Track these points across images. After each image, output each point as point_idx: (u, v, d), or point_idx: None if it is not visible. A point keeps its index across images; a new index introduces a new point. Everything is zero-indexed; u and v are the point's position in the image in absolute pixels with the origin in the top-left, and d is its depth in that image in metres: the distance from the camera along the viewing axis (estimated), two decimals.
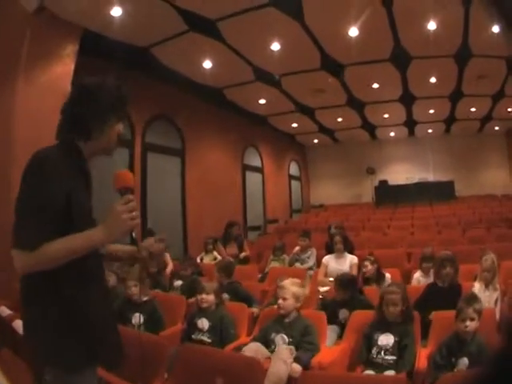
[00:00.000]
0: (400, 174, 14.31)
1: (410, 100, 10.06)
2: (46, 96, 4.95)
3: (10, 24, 4.91)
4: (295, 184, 14.80)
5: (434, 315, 3.19)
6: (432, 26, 5.68)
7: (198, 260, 6.44)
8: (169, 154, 8.41)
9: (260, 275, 5.77)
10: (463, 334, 2.60)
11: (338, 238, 5.14)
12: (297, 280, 3.42)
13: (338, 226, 6.68)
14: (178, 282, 5.03)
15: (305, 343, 2.98)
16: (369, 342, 2.97)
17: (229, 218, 7.67)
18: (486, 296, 3.53)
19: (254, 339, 3.15)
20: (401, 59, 7.23)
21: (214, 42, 6.27)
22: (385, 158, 14.83)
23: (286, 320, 3.16)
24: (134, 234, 1.46)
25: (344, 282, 3.75)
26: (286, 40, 6.36)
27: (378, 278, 4.40)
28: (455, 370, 2.52)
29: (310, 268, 5.68)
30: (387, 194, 13.63)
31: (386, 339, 2.91)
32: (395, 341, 2.88)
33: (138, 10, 5.22)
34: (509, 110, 10.79)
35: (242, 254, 6.76)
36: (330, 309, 3.69)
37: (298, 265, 5.84)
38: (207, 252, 6.60)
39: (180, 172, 8.65)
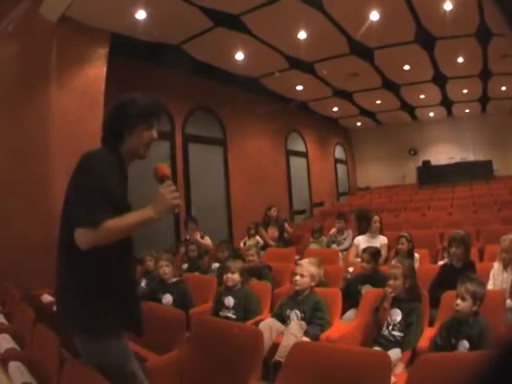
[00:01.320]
0: (442, 154, 13.94)
1: (443, 80, 9.81)
2: (79, 97, 5.24)
3: (36, 33, 5.07)
4: (341, 167, 14.71)
5: (444, 295, 3.07)
6: (448, 6, 5.56)
7: (242, 244, 6.64)
8: (210, 143, 8.60)
9: (298, 257, 5.92)
10: (456, 314, 2.57)
11: (377, 218, 5.20)
12: (314, 260, 3.62)
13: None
14: (216, 265, 5.25)
15: (315, 318, 3.16)
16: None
17: (273, 203, 7.67)
18: (504, 278, 3.41)
19: (273, 315, 3.37)
20: (425, 40, 7.09)
21: (242, 35, 6.39)
22: (427, 139, 14.46)
23: (300, 297, 3.33)
24: (177, 210, 1.70)
25: (371, 253, 3.87)
26: (311, 28, 6.39)
27: (409, 257, 4.48)
28: (455, 352, 2.43)
29: (346, 249, 5.70)
30: (430, 175, 13.40)
31: (395, 315, 2.97)
32: (402, 317, 2.93)
33: (161, 12, 5.37)
34: None
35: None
36: (352, 286, 3.82)
37: (334, 246, 5.88)
38: (250, 237, 6.78)
39: (223, 160, 8.83)
